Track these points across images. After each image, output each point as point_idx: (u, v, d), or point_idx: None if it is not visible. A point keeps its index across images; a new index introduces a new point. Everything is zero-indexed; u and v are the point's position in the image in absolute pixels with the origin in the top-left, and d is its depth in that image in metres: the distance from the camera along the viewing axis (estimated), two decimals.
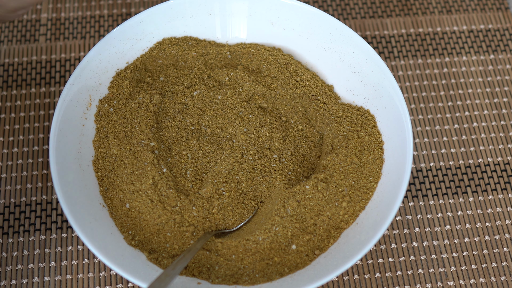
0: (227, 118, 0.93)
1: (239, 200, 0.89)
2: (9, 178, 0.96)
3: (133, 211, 0.86)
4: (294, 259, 0.84)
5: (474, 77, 1.05)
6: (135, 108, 0.91)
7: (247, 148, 0.91)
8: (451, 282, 0.90)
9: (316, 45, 0.96)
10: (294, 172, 0.91)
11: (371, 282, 0.90)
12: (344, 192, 0.87)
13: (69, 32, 1.08)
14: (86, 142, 0.89)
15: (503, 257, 0.92)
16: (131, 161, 0.87)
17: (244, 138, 0.91)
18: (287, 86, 0.94)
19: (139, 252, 0.84)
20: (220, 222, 0.87)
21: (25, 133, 0.99)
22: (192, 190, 0.89)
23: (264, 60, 0.96)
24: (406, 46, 1.08)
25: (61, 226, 0.93)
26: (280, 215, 0.85)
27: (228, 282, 0.83)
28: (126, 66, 0.94)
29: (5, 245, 0.92)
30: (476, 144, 1.00)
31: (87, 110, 0.90)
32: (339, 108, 0.93)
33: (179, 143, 0.91)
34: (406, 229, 0.94)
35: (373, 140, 0.90)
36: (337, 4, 1.11)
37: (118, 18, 1.09)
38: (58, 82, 1.03)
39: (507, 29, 1.09)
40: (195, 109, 0.93)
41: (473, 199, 0.96)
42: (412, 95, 1.03)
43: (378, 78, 0.91)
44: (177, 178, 0.89)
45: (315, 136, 0.94)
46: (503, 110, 1.02)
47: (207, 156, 0.91)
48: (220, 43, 0.98)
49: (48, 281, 0.90)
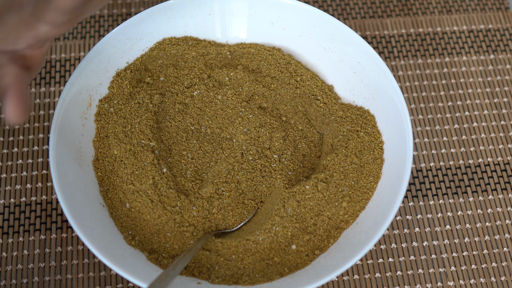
0: (227, 118, 0.93)
1: (239, 200, 0.89)
2: (9, 178, 0.96)
3: (133, 211, 0.86)
4: (294, 259, 0.84)
5: (474, 77, 1.05)
6: (135, 108, 0.91)
7: (247, 148, 0.91)
8: (451, 282, 0.90)
9: (316, 45, 0.96)
10: (294, 172, 0.91)
11: (371, 282, 0.90)
12: (344, 192, 0.87)
13: (69, 32, 1.08)
14: (86, 142, 0.89)
15: (503, 257, 0.92)
16: (131, 161, 0.87)
17: (244, 138, 0.91)
18: (287, 86, 0.94)
19: (139, 252, 0.84)
20: (220, 222, 0.87)
21: (25, 133, 0.99)
22: (192, 190, 0.89)
23: (264, 60, 0.96)
24: (406, 46, 1.07)
25: (61, 226, 0.93)
26: (280, 215, 0.85)
27: (228, 282, 0.83)
28: (126, 66, 0.94)
29: (5, 245, 0.92)
30: (476, 144, 1.00)
31: (87, 110, 0.90)
32: (339, 108, 0.93)
33: (179, 143, 0.91)
34: (406, 229, 0.94)
35: (373, 140, 0.90)
36: (337, 4, 1.11)
37: (118, 18, 1.09)
38: (58, 82, 1.03)
39: (507, 29, 1.09)
40: (195, 109, 0.93)
41: (473, 199, 0.96)
42: (412, 95, 1.03)
43: (378, 78, 0.91)
44: (177, 178, 0.89)
45: (315, 136, 0.94)
46: (503, 110, 1.02)
47: (207, 156, 0.91)
48: (220, 43, 0.98)
49: (48, 280, 0.90)
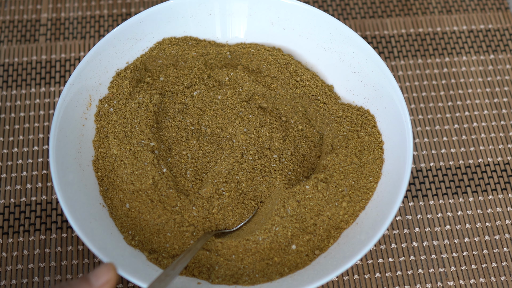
0: (227, 118, 0.93)
1: (239, 200, 0.89)
2: (9, 178, 0.96)
3: (133, 211, 0.86)
4: (294, 259, 0.84)
5: (474, 77, 1.05)
6: (135, 108, 0.91)
7: (247, 148, 0.91)
8: (451, 282, 0.90)
9: (316, 45, 0.96)
10: (294, 172, 0.91)
11: (371, 282, 0.90)
12: (344, 192, 0.87)
13: (69, 32, 1.08)
14: (86, 142, 0.89)
15: (503, 257, 0.92)
16: (131, 161, 0.87)
17: (244, 138, 0.91)
18: (287, 86, 0.94)
19: (139, 252, 0.84)
20: (220, 222, 0.87)
21: (25, 133, 0.99)
22: (192, 190, 0.89)
23: (264, 60, 0.96)
24: (406, 46, 1.08)
25: (61, 226, 0.93)
26: (280, 215, 0.85)
27: (228, 282, 0.83)
28: (126, 66, 0.94)
29: (5, 245, 0.92)
30: (476, 144, 1.00)
31: (87, 110, 0.90)
32: (339, 108, 0.93)
33: (179, 143, 0.91)
34: (406, 229, 0.94)
35: (373, 140, 0.90)
36: (337, 4, 1.11)
37: (118, 18, 1.09)
38: (58, 82, 1.03)
39: (507, 29, 1.09)
40: (195, 109, 0.93)
41: (473, 199, 0.96)
42: (412, 95, 1.03)
43: (378, 78, 0.91)
44: (177, 178, 0.89)
45: (315, 136, 0.94)
46: (503, 110, 1.02)
47: (207, 156, 0.91)
48: (220, 43, 0.98)
49: (48, 280, 0.90)
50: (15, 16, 1.09)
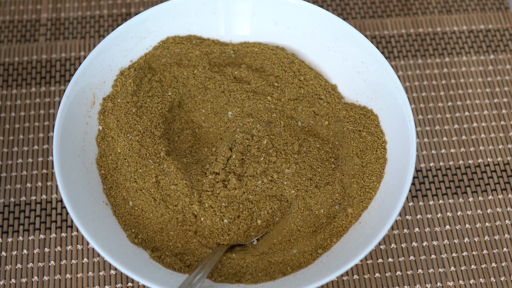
0: (232, 117, 0.93)
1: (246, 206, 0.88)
2: (9, 177, 0.96)
3: (136, 209, 0.86)
4: (297, 258, 0.84)
5: (474, 77, 1.05)
6: (139, 106, 0.91)
7: (252, 148, 0.90)
8: (451, 282, 0.91)
9: (320, 44, 0.96)
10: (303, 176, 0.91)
11: (370, 282, 0.91)
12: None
13: (69, 32, 1.08)
14: (90, 140, 0.89)
15: (503, 257, 0.93)
16: (134, 159, 0.87)
17: (244, 137, 0.91)
18: (290, 85, 0.94)
19: (142, 250, 0.84)
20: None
21: (25, 132, 0.99)
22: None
23: (267, 59, 0.96)
24: (406, 46, 1.08)
25: (60, 225, 0.93)
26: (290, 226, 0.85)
27: (231, 280, 0.83)
28: (130, 64, 0.94)
29: (4, 244, 0.92)
30: (476, 144, 1.00)
31: (91, 108, 0.90)
32: (342, 108, 0.93)
33: (182, 141, 0.91)
34: (405, 229, 0.94)
35: (376, 139, 0.90)
36: (337, 4, 1.12)
37: (118, 18, 1.09)
38: (58, 82, 1.03)
39: (507, 29, 1.09)
40: (199, 108, 0.93)
41: (472, 199, 0.96)
42: (412, 95, 1.04)
43: (381, 78, 0.91)
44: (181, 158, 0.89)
45: (330, 139, 0.94)
46: (503, 110, 1.03)
47: (212, 155, 0.91)
48: (224, 42, 0.98)
49: (47, 280, 0.90)
50: (15, 16, 1.09)
